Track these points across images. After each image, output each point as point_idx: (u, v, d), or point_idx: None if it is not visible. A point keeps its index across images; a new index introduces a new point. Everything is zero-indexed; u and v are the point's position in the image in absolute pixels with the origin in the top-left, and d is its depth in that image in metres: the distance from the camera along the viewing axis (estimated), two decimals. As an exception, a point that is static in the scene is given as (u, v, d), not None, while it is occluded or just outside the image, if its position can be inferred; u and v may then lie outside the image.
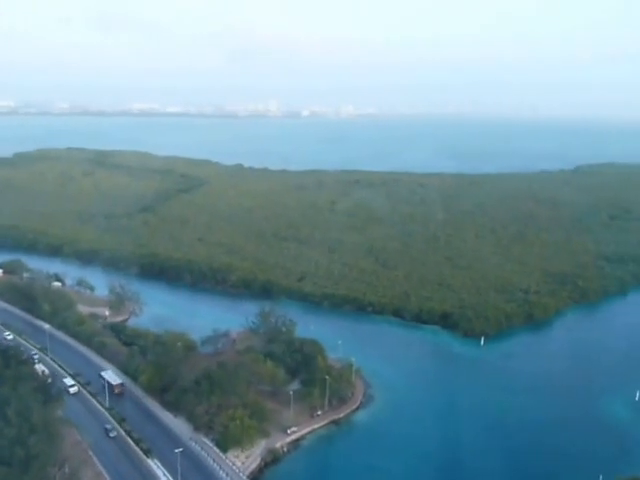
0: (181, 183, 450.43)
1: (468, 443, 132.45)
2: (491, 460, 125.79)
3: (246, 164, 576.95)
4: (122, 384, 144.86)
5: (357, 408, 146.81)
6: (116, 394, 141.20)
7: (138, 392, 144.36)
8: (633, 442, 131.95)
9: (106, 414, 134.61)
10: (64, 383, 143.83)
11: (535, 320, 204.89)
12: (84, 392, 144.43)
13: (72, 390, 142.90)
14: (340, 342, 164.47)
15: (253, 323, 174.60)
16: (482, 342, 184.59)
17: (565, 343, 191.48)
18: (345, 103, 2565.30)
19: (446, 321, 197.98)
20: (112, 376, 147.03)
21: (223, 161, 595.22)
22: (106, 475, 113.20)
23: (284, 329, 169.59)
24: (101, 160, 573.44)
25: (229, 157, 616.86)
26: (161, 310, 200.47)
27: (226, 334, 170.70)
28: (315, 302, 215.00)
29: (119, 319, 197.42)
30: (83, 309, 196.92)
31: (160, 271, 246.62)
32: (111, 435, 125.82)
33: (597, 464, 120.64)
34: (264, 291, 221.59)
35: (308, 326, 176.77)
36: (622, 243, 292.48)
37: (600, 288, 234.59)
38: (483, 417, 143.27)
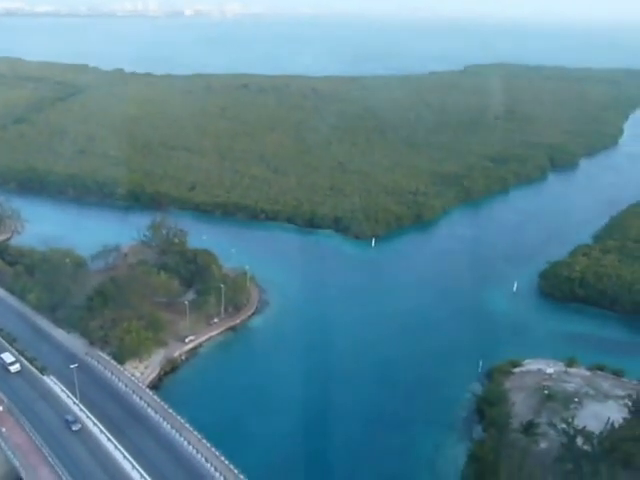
0: (58, 91, 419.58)
1: (360, 338, 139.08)
2: (380, 351, 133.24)
3: (127, 69, 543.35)
4: None
5: (253, 314, 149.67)
6: None
7: (27, 311, 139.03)
8: (510, 330, 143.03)
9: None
10: None
11: (423, 220, 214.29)
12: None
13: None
14: (234, 250, 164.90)
15: (144, 236, 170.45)
16: (373, 243, 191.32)
17: (450, 241, 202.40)
18: (230, 1, 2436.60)
19: (338, 225, 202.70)
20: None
21: (102, 66, 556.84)
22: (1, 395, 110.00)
23: (176, 240, 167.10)
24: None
25: (108, 62, 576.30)
26: (45, 227, 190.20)
27: (117, 248, 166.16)
28: (207, 211, 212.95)
29: (0, 239, 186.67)
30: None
31: (41, 186, 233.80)
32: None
33: (478, 351, 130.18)
34: (154, 203, 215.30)
35: (201, 236, 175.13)
36: (506, 143, 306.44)
37: (484, 188, 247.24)
38: (374, 314, 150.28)
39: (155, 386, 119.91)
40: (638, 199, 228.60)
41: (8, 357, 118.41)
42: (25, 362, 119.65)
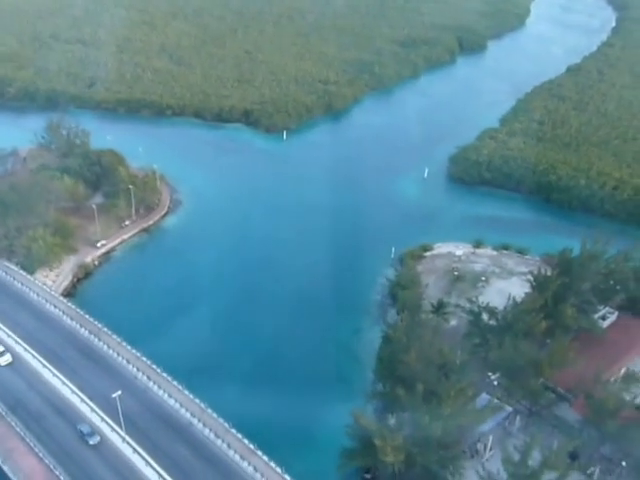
0: None
1: (275, 231, 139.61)
2: (295, 242, 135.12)
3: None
4: None
5: (165, 214, 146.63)
6: None
7: None
8: (422, 216, 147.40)
9: None
10: None
11: (334, 110, 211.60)
12: None
13: None
14: (141, 149, 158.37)
15: (43, 138, 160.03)
16: (284, 136, 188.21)
17: (362, 129, 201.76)
18: None
19: (248, 118, 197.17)
20: None
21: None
22: None
23: (78, 142, 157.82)
24: None
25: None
26: None
27: (14, 153, 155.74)
28: (109, 109, 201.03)
29: None
30: None
31: None
32: None
33: (391, 238, 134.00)
34: (50, 102, 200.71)
35: (105, 136, 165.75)
36: (415, 26, 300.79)
37: (395, 73, 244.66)
38: (288, 207, 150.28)
39: (69, 294, 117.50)
40: (542, 81, 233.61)
41: None
42: None
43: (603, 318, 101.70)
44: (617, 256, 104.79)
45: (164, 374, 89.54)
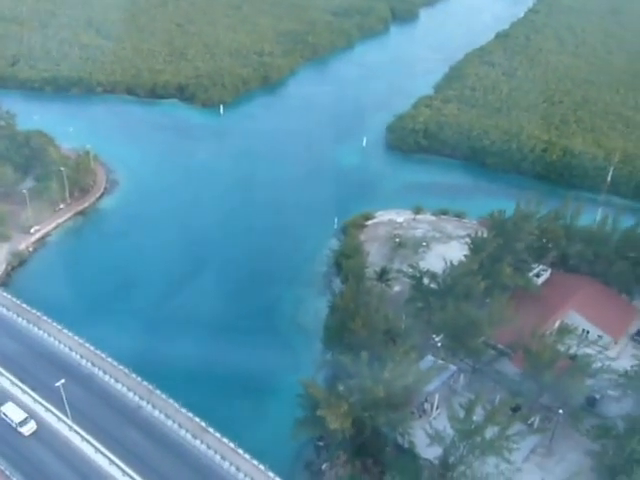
0: None
1: (218, 207, 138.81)
2: (238, 216, 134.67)
3: None
4: None
5: (101, 195, 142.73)
6: None
7: None
8: (362, 185, 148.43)
9: None
10: None
11: (271, 82, 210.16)
12: None
13: None
14: (72, 129, 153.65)
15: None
16: (221, 110, 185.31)
17: (299, 100, 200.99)
18: None
19: (183, 93, 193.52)
20: None
21: None
22: None
23: (2, 123, 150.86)
24: None
25: None
26: None
27: None
28: (36, 88, 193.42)
29: None
30: None
31: None
32: None
33: (333, 209, 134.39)
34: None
35: (32, 116, 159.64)
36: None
37: (329, 44, 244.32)
38: (230, 182, 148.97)
39: (4, 283, 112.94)
40: (474, 47, 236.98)
41: None
42: None
43: (537, 275, 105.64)
44: (548, 215, 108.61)
45: (109, 359, 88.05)
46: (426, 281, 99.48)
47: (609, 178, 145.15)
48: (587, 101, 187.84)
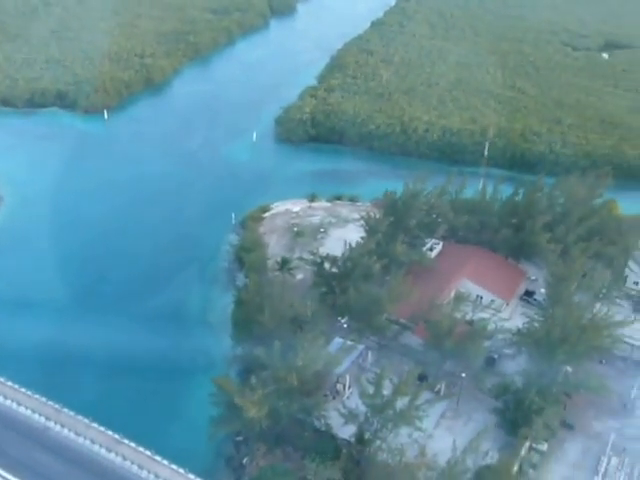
0: None
1: (110, 213, 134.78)
2: (133, 220, 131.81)
3: None
4: None
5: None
6: None
7: None
8: (256, 179, 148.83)
9: None
10: None
11: (154, 83, 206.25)
12: None
13: None
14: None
15: None
16: (106, 116, 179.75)
17: (185, 100, 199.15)
18: None
19: (63, 101, 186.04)
20: None
21: None
22: None
23: None
24: None
25: None
26: None
27: None
28: None
29: None
30: None
31: None
32: None
33: (229, 204, 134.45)
34: None
35: None
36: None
37: (211, 42, 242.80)
38: (120, 189, 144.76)
39: None
40: (352, 37, 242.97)
41: None
42: None
43: (431, 249, 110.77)
44: (435, 191, 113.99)
45: (9, 383, 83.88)
46: (327, 266, 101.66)
47: (486, 152, 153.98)
48: (460, 81, 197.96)
